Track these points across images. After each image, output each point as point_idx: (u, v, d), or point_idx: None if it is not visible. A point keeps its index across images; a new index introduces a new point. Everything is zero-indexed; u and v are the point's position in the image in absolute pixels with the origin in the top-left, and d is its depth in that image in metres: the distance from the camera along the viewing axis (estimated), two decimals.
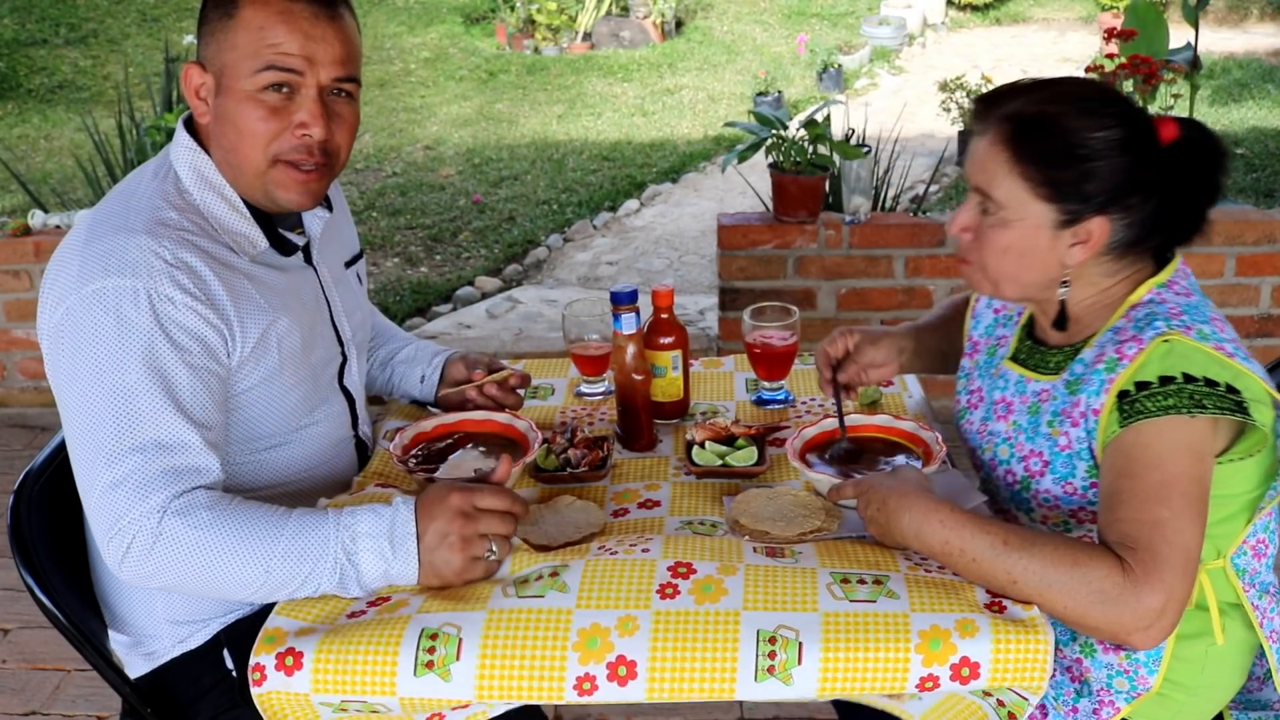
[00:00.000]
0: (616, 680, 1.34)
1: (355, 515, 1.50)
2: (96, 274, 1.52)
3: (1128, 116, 1.51)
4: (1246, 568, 1.57)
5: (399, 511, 1.50)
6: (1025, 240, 1.53)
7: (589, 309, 2.09)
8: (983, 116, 1.55)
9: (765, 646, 1.34)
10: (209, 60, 1.62)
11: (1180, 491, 1.39)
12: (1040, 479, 1.59)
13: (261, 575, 1.47)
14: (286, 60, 1.58)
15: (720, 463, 1.77)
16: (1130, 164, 1.49)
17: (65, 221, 4.18)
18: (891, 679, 1.34)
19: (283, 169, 1.63)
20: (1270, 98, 8.20)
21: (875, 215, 3.99)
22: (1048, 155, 1.49)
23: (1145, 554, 1.36)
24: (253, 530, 1.47)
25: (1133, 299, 1.56)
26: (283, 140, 1.61)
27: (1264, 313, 4.00)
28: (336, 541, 1.48)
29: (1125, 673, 1.57)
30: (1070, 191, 1.49)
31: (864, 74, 9.52)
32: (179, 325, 1.54)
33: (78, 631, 1.67)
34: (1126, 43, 4.53)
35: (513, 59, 9.96)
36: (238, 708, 1.70)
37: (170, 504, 1.47)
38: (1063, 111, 1.50)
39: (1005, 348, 1.74)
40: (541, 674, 1.35)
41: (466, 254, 6.06)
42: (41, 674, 2.86)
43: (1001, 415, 1.67)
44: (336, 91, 1.64)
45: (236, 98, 1.59)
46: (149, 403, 1.50)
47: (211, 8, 1.61)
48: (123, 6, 10.69)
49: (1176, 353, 1.45)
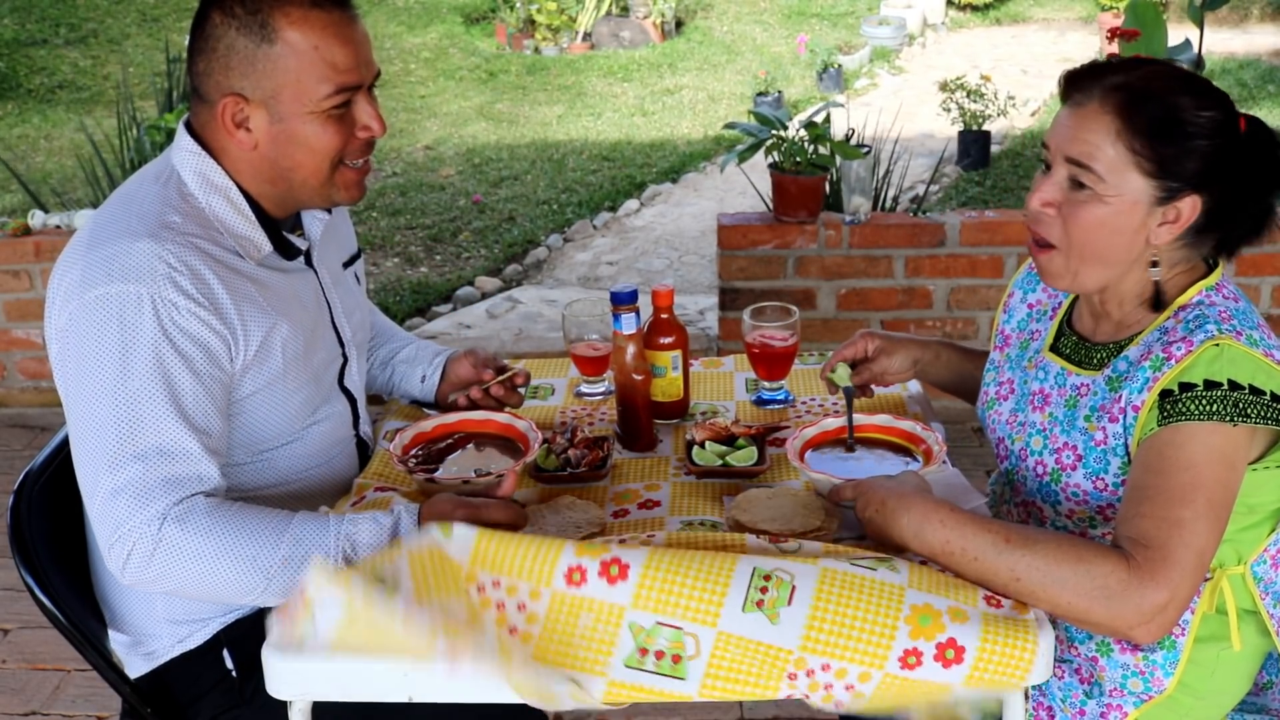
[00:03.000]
0: (606, 577, 1.33)
1: (355, 524, 1.51)
2: (100, 279, 1.52)
3: (1224, 101, 1.51)
4: (1264, 576, 1.56)
5: (401, 521, 1.51)
6: (1119, 216, 1.50)
7: (589, 309, 2.09)
8: (1083, 88, 1.52)
9: (759, 581, 1.33)
10: (253, 90, 1.59)
11: (1206, 496, 1.39)
12: (1071, 473, 1.58)
13: (262, 582, 1.48)
14: (350, 77, 1.61)
15: (720, 463, 1.77)
16: (1224, 148, 1.49)
17: (65, 221, 4.18)
18: (875, 646, 1.32)
19: (345, 172, 1.66)
20: (1271, 98, 8.20)
21: (875, 215, 3.99)
22: (1158, 128, 1.47)
23: (1157, 551, 1.35)
24: (253, 537, 1.48)
25: (1182, 300, 1.55)
26: (350, 146, 1.64)
27: (1264, 313, 4.00)
28: (336, 550, 1.48)
29: (1141, 674, 1.57)
30: (1174, 167, 1.48)
31: (864, 74, 9.52)
32: (182, 331, 1.54)
33: (78, 631, 1.67)
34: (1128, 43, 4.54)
35: (513, 59, 9.96)
36: (238, 708, 1.70)
37: (170, 511, 1.47)
38: (1171, 88, 1.49)
39: (1040, 340, 1.73)
40: (535, 558, 1.33)
41: (466, 254, 6.06)
42: (41, 674, 2.86)
43: (1038, 406, 1.66)
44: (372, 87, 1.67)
45: (302, 120, 1.60)
46: (151, 409, 1.50)
47: (242, 36, 1.57)
48: (123, 6, 10.69)
49: (1225, 357, 1.45)
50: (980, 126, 6.91)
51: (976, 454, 3.38)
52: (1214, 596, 1.54)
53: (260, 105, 1.60)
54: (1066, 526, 1.62)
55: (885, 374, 1.91)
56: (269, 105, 1.59)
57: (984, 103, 6.83)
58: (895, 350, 1.91)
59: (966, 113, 6.84)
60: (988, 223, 3.92)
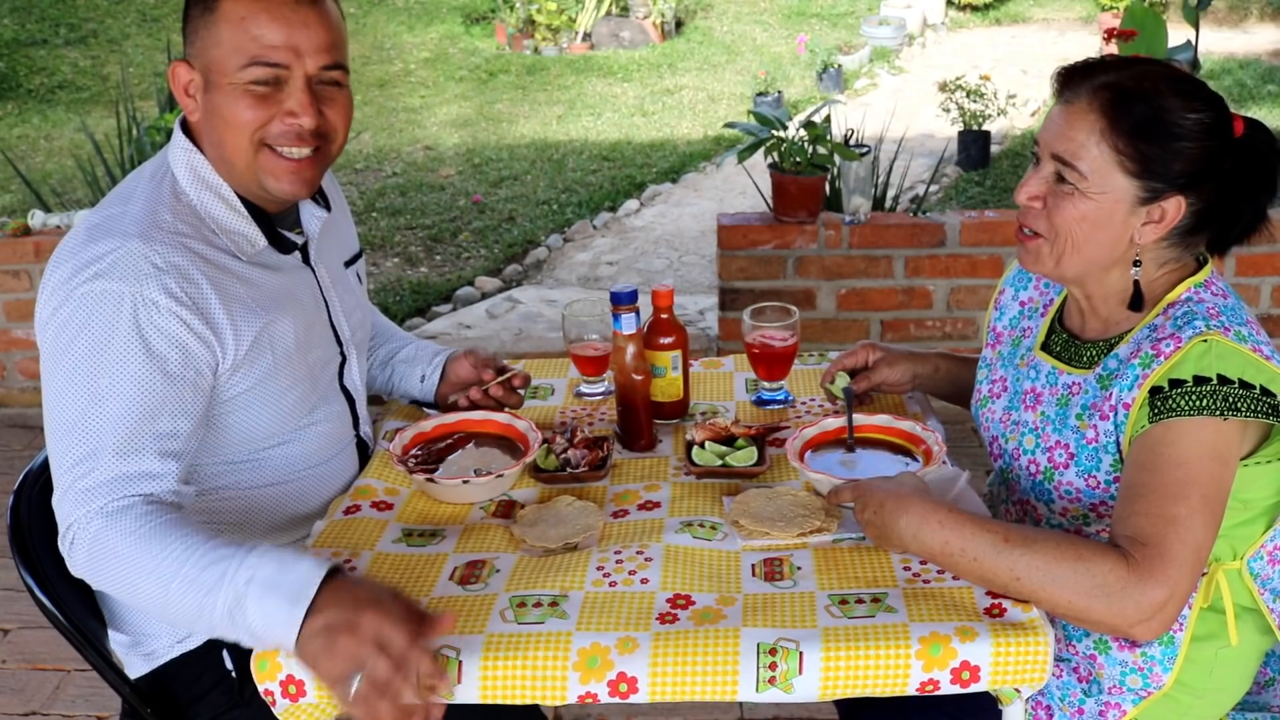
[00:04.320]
0: (618, 695, 1.36)
1: (264, 557, 1.37)
2: (86, 277, 1.53)
3: (1216, 103, 1.51)
4: (1261, 572, 1.57)
5: (309, 573, 1.34)
6: (1102, 213, 1.51)
7: (589, 309, 2.09)
8: (1072, 85, 1.53)
9: (766, 658, 1.35)
10: (195, 57, 1.61)
11: (1200, 492, 1.40)
12: (1064, 471, 1.59)
13: (161, 597, 1.41)
14: (272, 54, 1.57)
15: (720, 463, 1.77)
16: (1213, 150, 1.49)
17: (65, 221, 4.18)
18: (892, 681, 1.35)
19: (270, 156, 1.62)
20: (1271, 98, 8.20)
21: (875, 215, 3.99)
22: (1142, 129, 1.48)
23: (1155, 549, 1.36)
24: (166, 549, 1.41)
25: (1170, 297, 1.56)
26: (271, 126, 1.60)
27: (1264, 313, 4.00)
28: (235, 578, 1.36)
29: (1139, 670, 1.57)
30: (1158, 168, 1.49)
31: (864, 74, 9.52)
32: (160, 331, 1.53)
33: (77, 631, 1.67)
34: (1126, 43, 4.54)
35: (512, 59, 9.95)
36: (237, 708, 1.70)
37: (108, 507, 1.46)
38: (1159, 89, 1.49)
39: (1031, 338, 1.74)
40: (543, 693, 1.36)
41: (466, 254, 6.06)
42: (41, 674, 2.86)
43: (1030, 405, 1.67)
44: (325, 81, 1.63)
45: (224, 92, 1.59)
46: (115, 407, 1.49)
47: (193, 3, 1.61)
48: (123, 6, 10.69)
49: (1214, 353, 1.45)
50: (980, 126, 6.91)
51: (976, 454, 3.38)
52: (1209, 591, 1.54)
53: (200, 74, 1.61)
54: (1061, 524, 1.63)
55: (884, 384, 1.94)
56: (205, 74, 1.61)
57: (984, 102, 6.83)
58: (895, 362, 1.93)
59: (966, 113, 6.84)
60: (988, 223, 3.92)
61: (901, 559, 1.52)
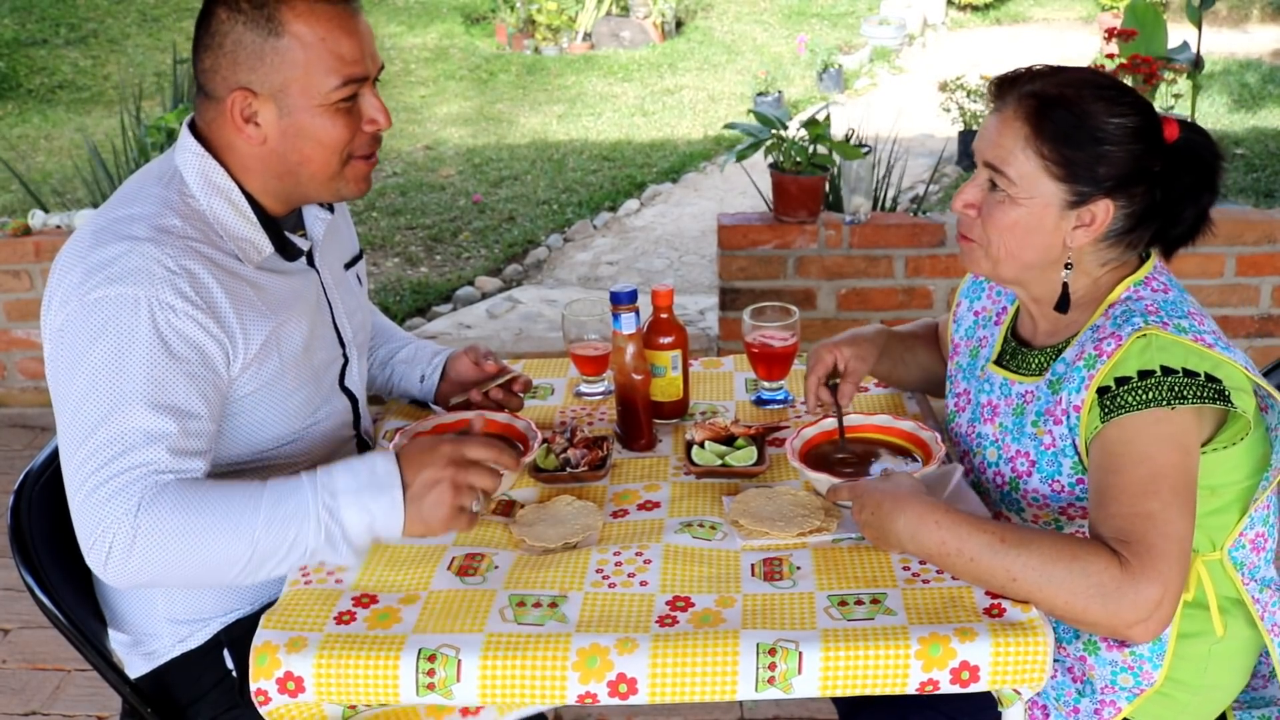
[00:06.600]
0: (618, 696, 1.37)
1: (331, 474, 1.50)
2: (99, 281, 1.52)
3: (1141, 107, 1.53)
4: (1245, 561, 1.57)
5: (378, 464, 1.51)
6: (1031, 218, 1.54)
7: (589, 309, 2.09)
8: (1002, 95, 1.56)
9: (765, 659, 1.35)
10: (260, 83, 1.59)
11: (1169, 484, 1.41)
12: (1028, 479, 1.60)
13: (248, 547, 1.45)
14: (357, 69, 1.60)
15: (720, 463, 1.77)
16: (1140, 153, 1.51)
17: (65, 221, 4.18)
18: (892, 680, 1.36)
19: (354, 165, 1.67)
20: (1273, 99, 8.19)
21: (875, 215, 3.99)
22: (1065, 135, 1.50)
23: (1139, 547, 1.36)
24: (230, 505, 1.46)
25: (1111, 298, 1.58)
26: (358, 140, 1.65)
27: (1264, 313, 4.00)
28: (316, 500, 1.48)
29: (1129, 669, 1.57)
30: (1083, 173, 1.51)
31: (864, 74, 9.52)
32: (178, 334, 1.53)
33: (78, 631, 1.67)
34: (1126, 43, 4.54)
35: (513, 59, 9.96)
36: (238, 708, 1.70)
37: (143, 497, 1.45)
38: (1082, 95, 1.52)
39: (988, 349, 1.76)
40: (542, 694, 1.37)
41: (466, 254, 6.06)
42: (41, 674, 2.86)
43: (988, 418, 1.69)
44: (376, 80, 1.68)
45: (309, 113, 1.60)
46: (142, 411, 1.49)
47: (243, 31, 1.57)
48: (123, 6, 10.69)
49: (1154, 346, 1.47)
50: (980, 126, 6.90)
51: None
52: (1192, 584, 1.55)
53: (269, 99, 1.59)
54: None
55: (863, 376, 1.87)
56: (277, 99, 1.59)
57: (984, 103, 6.83)
58: (864, 355, 1.86)
59: (966, 113, 6.83)
60: None
61: (901, 559, 1.52)
